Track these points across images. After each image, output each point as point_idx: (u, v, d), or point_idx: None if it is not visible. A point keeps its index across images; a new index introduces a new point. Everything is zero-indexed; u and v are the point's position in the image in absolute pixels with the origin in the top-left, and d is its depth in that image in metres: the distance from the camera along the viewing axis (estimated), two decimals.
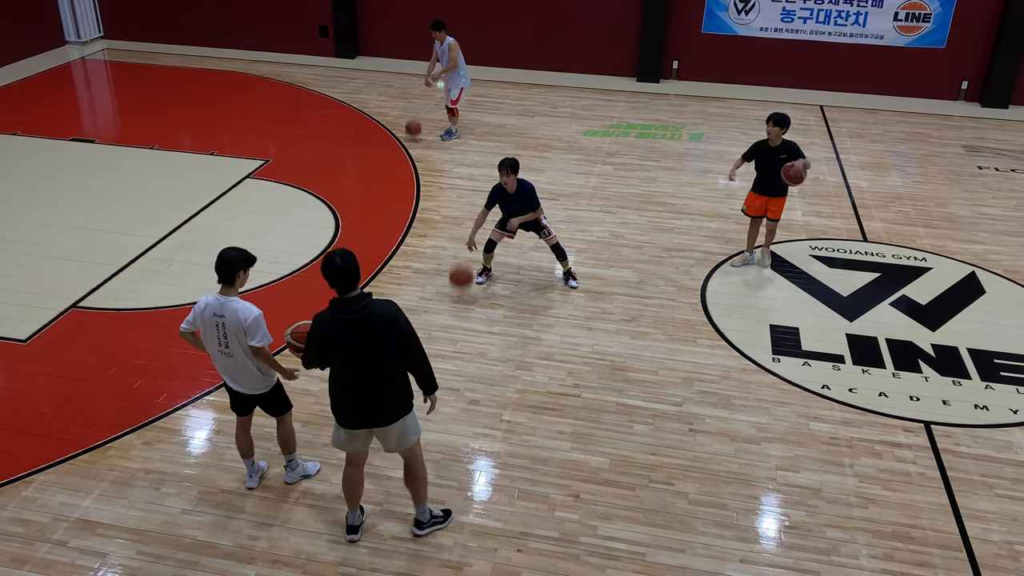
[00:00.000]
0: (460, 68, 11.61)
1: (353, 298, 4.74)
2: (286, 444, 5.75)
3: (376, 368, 4.83)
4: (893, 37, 14.31)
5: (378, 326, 4.75)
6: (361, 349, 4.78)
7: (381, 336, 4.77)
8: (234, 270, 5.22)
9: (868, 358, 7.43)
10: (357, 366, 4.83)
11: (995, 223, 10.08)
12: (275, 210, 9.95)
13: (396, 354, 4.86)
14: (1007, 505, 5.86)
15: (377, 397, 4.92)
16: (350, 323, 4.73)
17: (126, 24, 16.64)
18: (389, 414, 4.99)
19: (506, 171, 7.89)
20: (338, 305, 4.76)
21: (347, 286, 4.73)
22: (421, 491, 5.39)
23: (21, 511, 5.58)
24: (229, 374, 5.41)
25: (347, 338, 4.76)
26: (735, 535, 5.55)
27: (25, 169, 10.87)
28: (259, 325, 5.16)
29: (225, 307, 5.18)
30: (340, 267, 4.69)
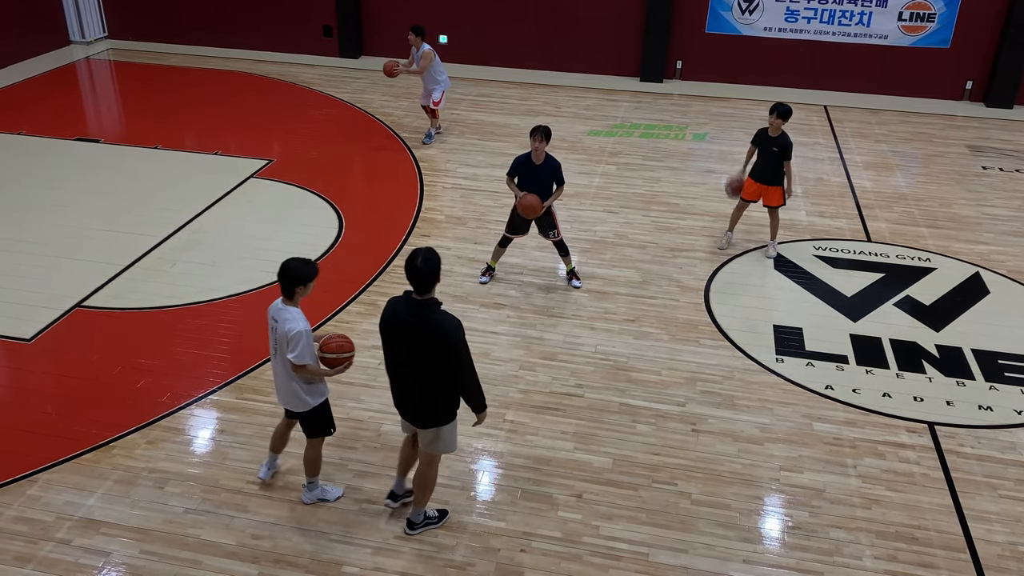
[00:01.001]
0: (440, 73, 11.58)
1: (421, 301, 4.77)
2: (310, 466, 5.60)
3: (418, 373, 4.90)
4: (897, 37, 14.28)
5: (430, 336, 4.77)
6: (408, 351, 4.85)
7: (430, 347, 4.79)
8: (293, 285, 5.16)
9: (872, 358, 7.42)
10: (403, 362, 4.93)
11: (999, 223, 10.06)
12: (279, 210, 9.96)
13: (441, 368, 4.85)
14: (1011, 506, 5.85)
15: (414, 398, 5.02)
16: (406, 324, 4.79)
17: (131, 24, 16.66)
18: (422, 419, 5.06)
19: (540, 137, 7.68)
20: (405, 302, 4.81)
21: (420, 287, 4.76)
22: (423, 497, 5.40)
23: (25, 510, 5.60)
24: (278, 386, 5.40)
25: (399, 336, 4.86)
26: (738, 535, 5.55)
27: (29, 169, 10.89)
28: (298, 341, 5.07)
29: (279, 314, 5.18)
30: (418, 268, 4.70)
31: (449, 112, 13.11)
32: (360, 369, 7.06)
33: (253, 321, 7.75)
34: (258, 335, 7.49)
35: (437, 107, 11.79)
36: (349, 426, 6.41)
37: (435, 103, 11.72)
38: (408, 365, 4.92)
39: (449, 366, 4.83)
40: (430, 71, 11.48)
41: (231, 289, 8.22)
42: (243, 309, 7.93)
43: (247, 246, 9.05)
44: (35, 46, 15.54)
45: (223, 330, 7.59)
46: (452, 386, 4.97)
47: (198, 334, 7.52)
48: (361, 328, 7.64)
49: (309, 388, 5.31)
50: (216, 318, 7.76)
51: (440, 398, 4.99)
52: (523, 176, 7.99)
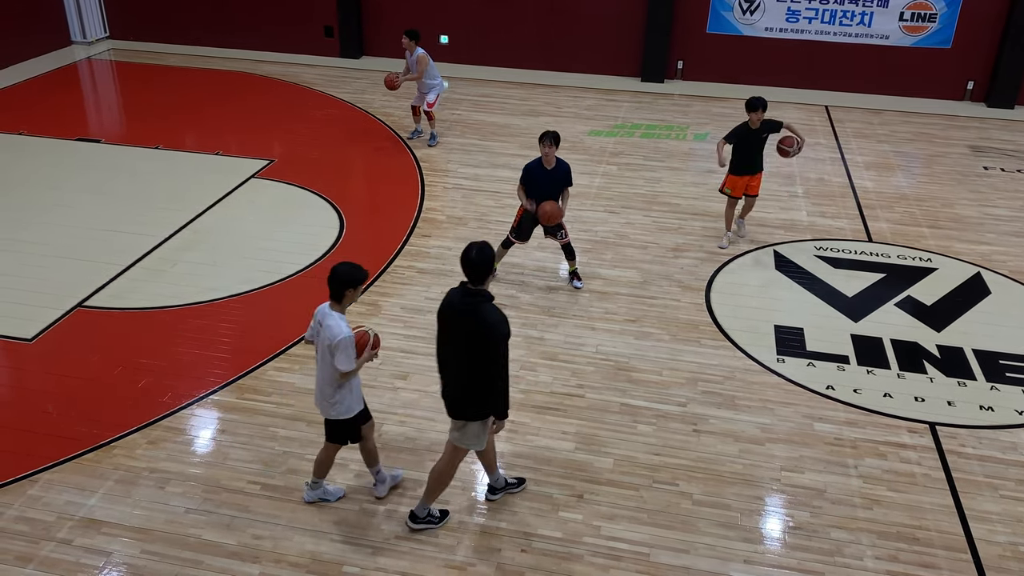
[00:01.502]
0: (435, 76, 11.57)
1: (471, 291, 4.94)
2: (320, 467, 5.61)
3: (458, 361, 5.05)
4: (899, 37, 14.28)
5: (473, 327, 4.90)
6: (456, 337, 5.03)
7: (471, 337, 4.92)
8: (342, 288, 5.14)
9: (873, 359, 7.42)
10: (450, 350, 5.12)
11: (1001, 224, 10.05)
12: (280, 210, 9.97)
13: (476, 359, 4.96)
14: (1012, 506, 5.85)
15: (455, 387, 5.14)
16: (455, 311, 4.97)
17: (132, 24, 16.68)
18: (454, 408, 5.17)
19: (549, 142, 7.78)
20: (460, 292, 4.99)
21: (473, 278, 4.93)
22: (433, 491, 5.43)
23: (26, 509, 5.60)
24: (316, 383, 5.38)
25: (448, 322, 5.05)
26: (739, 536, 5.55)
27: (31, 169, 10.90)
28: (344, 348, 5.07)
29: (325, 318, 5.17)
30: (472, 259, 4.90)
31: (450, 112, 13.11)
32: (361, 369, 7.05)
33: (254, 321, 7.75)
34: (259, 335, 7.51)
35: (432, 108, 11.76)
36: None
37: (429, 105, 11.70)
38: (453, 353, 5.10)
39: (480, 358, 4.94)
40: (425, 75, 11.46)
41: (232, 289, 8.22)
42: (244, 309, 7.94)
43: (248, 246, 9.05)
44: (36, 46, 15.56)
45: (224, 330, 7.59)
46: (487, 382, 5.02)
47: (199, 334, 7.52)
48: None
49: (339, 400, 5.29)
50: (217, 318, 7.77)
51: (476, 391, 5.06)
52: (537, 182, 8.02)
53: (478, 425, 5.20)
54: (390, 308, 7.97)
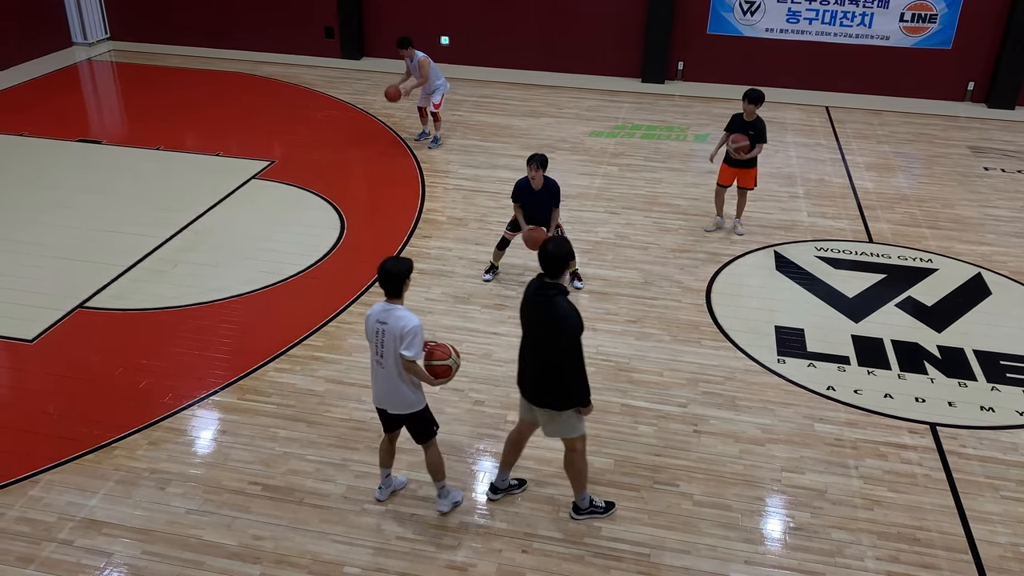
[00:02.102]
0: (438, 78, 11.57)
1: (547, 284, 5.03)
2: (436, 469, 5.55)
3: (537, 351, 5.16)
4: (899, 38, 14.28)
5: (548, 318, 5.01)
6: (531, 327, 5.19)
7: (545, 328, 5.06)
8: (400, 282, 5.17)
9: (873, 359, 7.42)
10: (527, 340, 5.26)
11: (1001, 224, 10.05)
12: (280, 211, 9.97)
13: (550, 351, 5.06)
14: (1013, 507, 5.84)
15: (532, 376, 5.24)
16: (532, 303, 5.11)
17: (133, 25, 16.70)
18: (537, 397, 5.25)
19: (535, 166, 7.83)
20: (536, 283, 5.10)
21: (549, 271, 5.03)
22: (577, 482, 5.54)
23: (27, 510, 5.60)
24: (378, 388, 5.34)
25: (525, 314, 5.23)
26: (740, 536, 5.55)
27: (32, 170, 10.91)
28: (415, 335, 5.08)
29: (390, 314, 5.14)
30: (549, 252, 5.00)
31: (451, 113, 13.11)
32: (361, 369, 7.07)
33: (255, 322, 7.76)
34: (260, 336, 7.52)
35: (438, 110, 11.78)
36: (350, 427, 6.42)
37: (436, 106, 11.71)
38: (530, 343, 5.24)
39: (556, 350, 5.02)
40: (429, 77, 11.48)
41: (233, 290, 8.23)
42: (245, 310, 7.94)
43: (249, 247, 9.06)
44: (37, 48, 15.58)
45: (225, 331, 7.59)
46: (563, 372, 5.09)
47: (200, 335, 7.53)
48: (362, 329, 7.63)
49: (416, 389, 5.29)
50: (218, 319, 7.77)
51: (553, 381, 5.13)
52: (524, 200, 8.10)
53: (569, 414, 5.25)
54: None
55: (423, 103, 11.88)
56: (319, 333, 7.58)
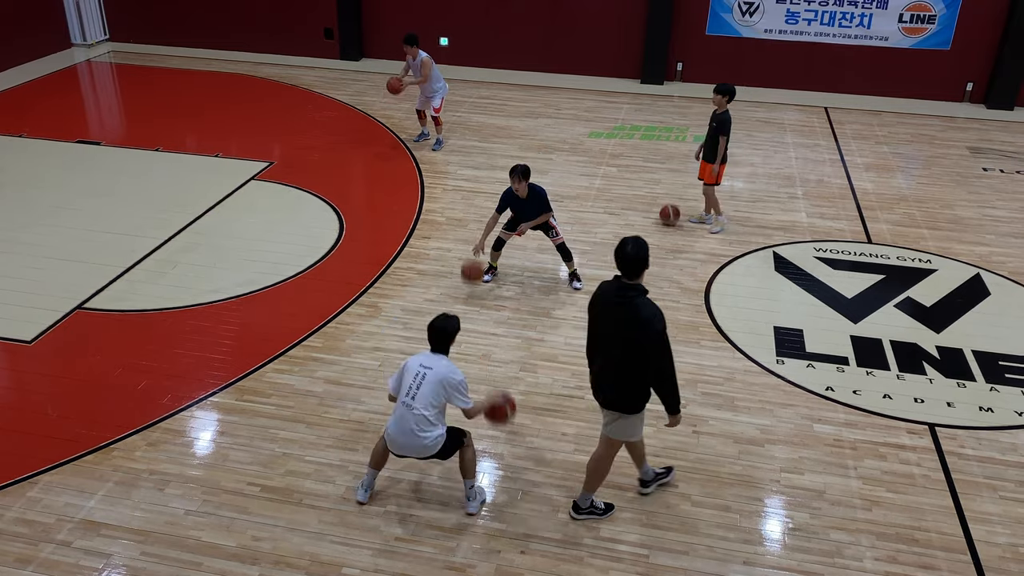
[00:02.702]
0: (438, 80, 11.55)
1: (626, 285, 4.97)
2: (467, 470, 5.61)
3: (612, 355, 5.09)
4: (898, 39, 14.29)
5: (629, 320, 4.94)
6: (608, 330, 5.10)
7: (628, 331, 4.97)
8: (447, 343, 5.41)
9: (872, 360, 7.42)
10: (601, 344, 5.19)
11: (1000, 225, 10.05)
12: (280, 212, 9.97)
13: (633, 353, 5.00)
14: (1012, 507, 5.85)
15: (604, 379, 5.20)
16: (610, 305, 5.04)
17: (132, 26, 16.69)
18: (606, 399, 5.24)
19: (518, 178, 7.94)
20: (615, 285, 5.04)
21: (628, 272, 4.97)
22: (592, 481, 5.55)
23: (26, 511, 5.60)
24: (397, 432, 5.38)
25: (602, 315, 5.12)
26: (738, 537, 5.55)
27: (31, 171, 10.91)
28: (466, 387, 5.34)
29: (436, 361, 5.34)
30: (628, 253, 4.93)
31: (450, 114, 13.11)
32: (360, 371, 7.07)
33: (254, 323, 7.76)
34: (259, 337, 7.52)
35: (439, 113, 11.76)
36: (349, 428, 6.42)
37: (436, 110, 11.69)
38: (602, 345, 5.18)
39: (640, 353, 4.97)
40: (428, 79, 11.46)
41: (232, 291, 8.23)
42: (244, 311, 7.94)
43: (248, 248, 9.06)
44: (37, 49, 15.57)
45: (224, 332, 7.59)
46: (641, 376, 5.07)
47: (199, 336, 7.53)
48: (362, 330, 7.65)
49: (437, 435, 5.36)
50: (217, 320, 7.77)
51: (628, 382, 5.10)
52: (513, 208, 8.23)
53: (634, 418, 5.26)
54: (390, 310, 7.98)
55: (422, 106, 11.86)
56: (318, 334, 7.58)
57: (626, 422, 5.27)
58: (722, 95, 9.13)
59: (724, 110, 9.19)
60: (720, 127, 9.18)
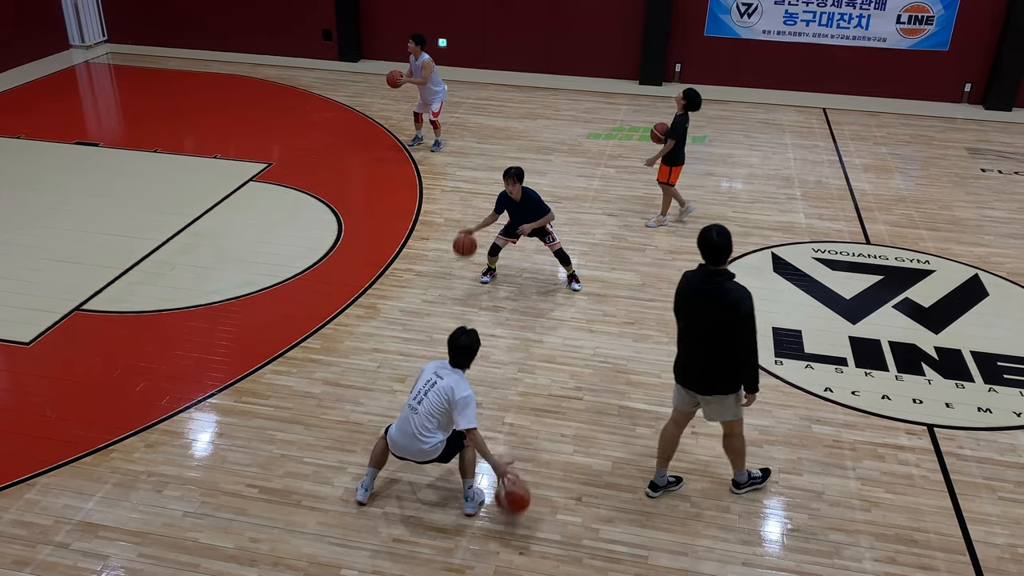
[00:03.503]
0: (438, 84, 11.51)
1: (713, 271, 5.14)
2: (465, 469, 5.62)
3: (705, 339, 5.23)
4: (896, 40, 14.30)
5: (719, 304, 5.10)
6: (698, 317, 5.24)
7: (718, 315, 5.13)
8: (468, 360, 5.43)
9: (871, 361, 7.42)
10: (692, 331, 5.32)
11: (999, 226, 10.06)
12: (278, 213, 9.97)
13: (725, 336, 5.15)
14: (1010, 508, 5.85)
15: (700, 365, 5.34)
16: (699, 291, 5.18)
17: (130, 28, 16.68)
18: (706, 385, 5.38)
19: (512, 180, 7.93)
20: (699, 273, 5.20)
21: (715, 259, 5.13)
22: (739, 461, 5.77)
23: (24, 513, 5.59)
24: (399, 433, 5.45)
25: (691, 303, 5.26)
26: (738, 538, 5.54)
27: (29, 172, 10.90)
28: (468, 405, 5.28)
29: (449, 373, 5.38)
30: (714, 240, 5.10)
31: (449, 115, 13.11)
32: (359, 372, 7.07)
33: (252, 324, 7.75)
34: (257, 338, 7.51)
35: (437, 117, 11.74)
36: (347, 429, 6.41)
37: (435, 114, 11.67)
38: (693, 332, 5.31)
39: (731, 335, 5.13)
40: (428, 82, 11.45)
41: (230, 292, 8.22)
42: (242, 312, 7.94)
43: (246, 249, 9.05)
44: (35, 50, 15.56)
45: (222, 333, 7.59)
46: (735, 356, 5.21)
47: (197, 337, 7.52)
48: (360, 331, 7.64)
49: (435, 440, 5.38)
50: (215, 321, 7.76)
51: (724, 363, 5.26)
52: (508, 211, 8.23)
53: (734, 397, 5.40)
54: (388, 311, 7.97)
55: (420, 109, 11.82)
56: (316, 335, 7.57)
57: (728, 400, 5.41)
58: (683, 97, 9.25)
59: (680, 113, 9.30)
60: (671, 129, 9.30)
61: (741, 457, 5.75)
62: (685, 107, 9.28)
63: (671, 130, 9.32)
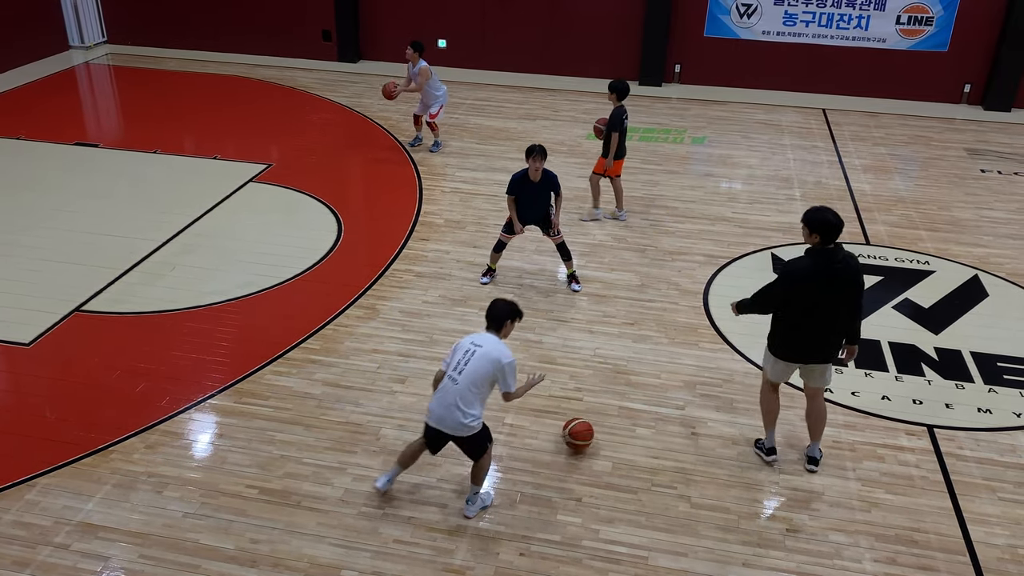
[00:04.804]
0: (438, 88, 11.49)
1: (835, 249, 5.57)
2: (477, 476, 5.61)
3: (836, 311, 5.67)
4: (895, 40, 14.31)
5: (855, 273, 5.64)
6: (835, 293, 5.62)
7: (854, 284, 5.65)
8: (503, 320, 5.50)
9: (871, 361, 7.42)
10: (825, 308, 5.65)
11: (998, 226, 10.06)
12: (278, 214, 9.97)
13: (854, 302, 5.71)
14: (1010, 509, 5.85)
15: (826, 337, 5.76)
16: (836, 270, 5.56)
17: (130, 29, 16.68)
18: (828, 355, 5.81)
19: (538, 156, 7.90)
20: (825, 255, 5.57)
21: (836, 237, 5.56)
22: (818, 429, 6.09)
23: (23, 514, 5.59)
24: (439, 407, 5.37)
25: (829, 283, 5.59)
26: (738, 539, 5.54)
27: (28, 173, 10.90)
28: (511, 370, 5.35)
29: (487, 340, 5.42)
30: (835, 222, 5.53)
31: (448, 116, 13.11)
32: (358, 373, 7.07)
33: (252, 325, 7.75)
34: (257, 339, 7.51)
35: (435, 119, 11.72)
36: (347, 430, 6.41)
37: (432, 116, 11.65)
38: (826, 307, 5.66)
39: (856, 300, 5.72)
40: (428, 87, 11.42)
41: (230, 293, 8.22)
42: (242, 313, 7.93)
43: (246, 250, 9.05)
44: (35, 51, 15.56)
45: (222, 334, 7.58)
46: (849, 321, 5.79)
47: (197, 338, 7.52)
48: (360, 332, 7.64)
49: (476, 416, 5.35)
50: (215, 322, 7.76)
51: (841, 333, 5.84)
52: (524, 191, 8.08)
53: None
54: (388, 312, 7.97)
55: (420, 111, 11.82)
56: (316, 336, 7.57)
57: (832, 365, 5.91)
58: (611, 91, 9.42)
59: (616, 106, 9.41)
60: (609, 123, 9.42)
61: (823, 423, 6.10)
62: (617, 99, 9.43)
63: (609, 123, 9.43)
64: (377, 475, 5.89)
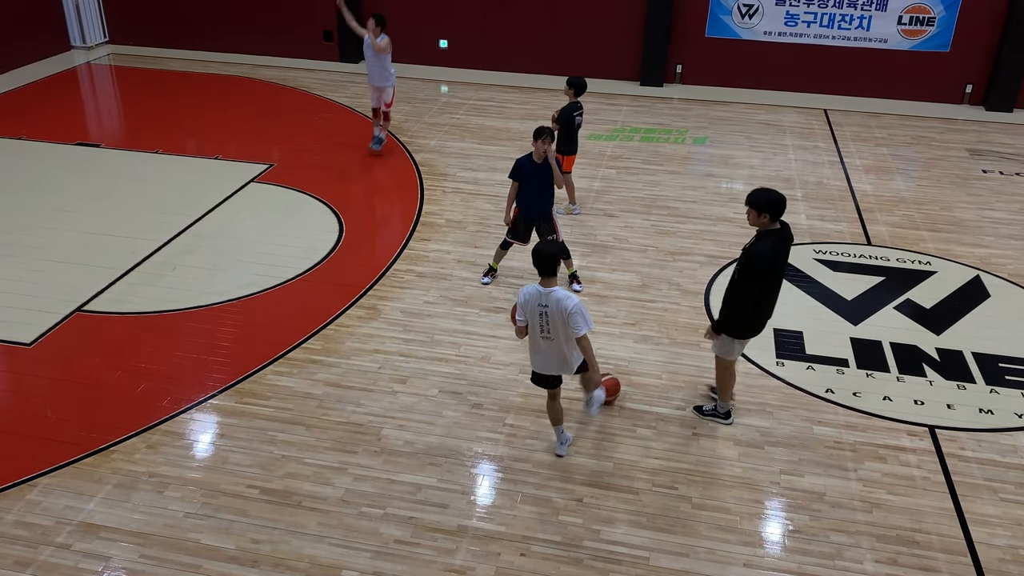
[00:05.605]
0: (390, 67, 11.20)
1: (783, 225, 5.95)
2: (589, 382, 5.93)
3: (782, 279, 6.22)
4: (897, 41, 14.30)
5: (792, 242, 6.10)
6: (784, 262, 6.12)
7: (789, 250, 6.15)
8: (555, 262, 5.69)
9: (872, 362, 7.42)
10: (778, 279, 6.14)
11: (1000, 227, 10.06)
12: (279, 214, 9.97)
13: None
14: (1012, 509, 5.84)
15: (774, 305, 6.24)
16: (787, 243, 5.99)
17: (132, 29, 16.71)
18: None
19: (547, 138, 7.94)
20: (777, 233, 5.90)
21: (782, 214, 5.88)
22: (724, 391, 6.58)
23: (25, 514, 5.59)
24: (543, 358, 5.82)
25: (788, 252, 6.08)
26: (739, 539, 5.54)
27: (30, 173, 10.91)
28: (580, 313, 5.55)
29: (548, 297, 5.60)
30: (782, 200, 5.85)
31: (449, 117, 13.13)
32: (359, 373, 7.07)
33: (253, 325, 7.75)
34: (258, 339, 7.51)
35: (389, 109, 11.54)
36: (348, 430, 6.41)
37: (387, 105, 11.43)
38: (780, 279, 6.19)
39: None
40: (382, 63, 11.04)
41: (231, 293, 8.22)
42: (243, 313, 7.94)
43: (247, 250, 9.06)
44: (36, 51, 15.58)
45: (223, 334, 7.59)
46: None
47: (198, 338, 7.52)
48: (361, 332, 7.64)
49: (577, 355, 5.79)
50: (216, 322, 7.77)
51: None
52: (528, 176, 8.03)
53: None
54: (389, 312, 7.97)
55: (376, 103, 11.46)
56: (317, 336, 7.57)
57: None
58: (569, 86, 9.57)
59: (572, 101, 9.59)
60: (559, 115, 9.55)
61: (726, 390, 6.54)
62: (575, 94, 9.55)
63: (559, 116, 9.54)
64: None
